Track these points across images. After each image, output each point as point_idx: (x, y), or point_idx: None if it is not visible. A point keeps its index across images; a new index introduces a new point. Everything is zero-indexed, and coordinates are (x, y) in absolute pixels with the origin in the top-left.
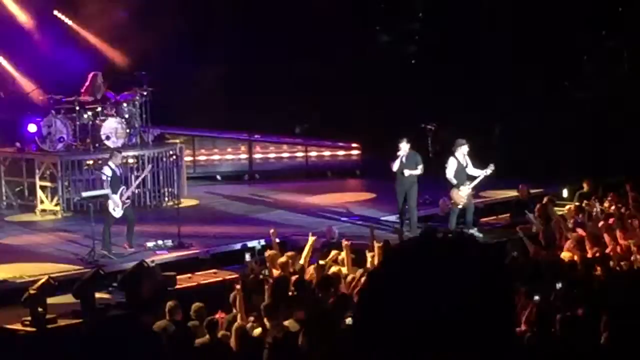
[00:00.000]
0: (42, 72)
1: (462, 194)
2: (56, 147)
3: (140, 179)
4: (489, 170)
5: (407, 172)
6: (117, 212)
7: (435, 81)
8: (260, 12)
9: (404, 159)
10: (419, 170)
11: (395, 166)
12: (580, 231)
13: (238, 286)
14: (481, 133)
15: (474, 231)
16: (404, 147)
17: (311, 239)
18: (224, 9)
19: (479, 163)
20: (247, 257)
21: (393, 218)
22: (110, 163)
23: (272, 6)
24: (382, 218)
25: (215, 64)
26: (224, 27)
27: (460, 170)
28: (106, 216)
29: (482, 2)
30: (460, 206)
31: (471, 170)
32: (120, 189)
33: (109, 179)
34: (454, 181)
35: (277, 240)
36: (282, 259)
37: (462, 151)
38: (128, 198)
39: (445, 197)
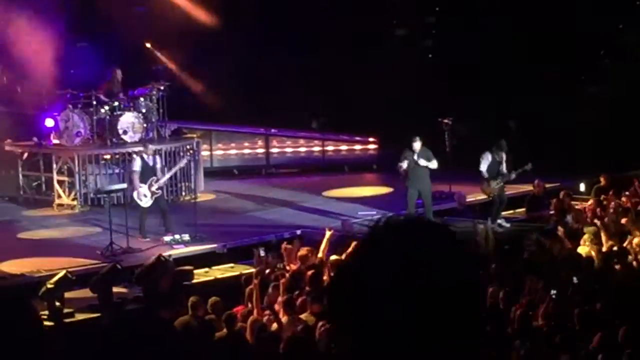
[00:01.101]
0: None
1: (492, 187)
2: (73, 141)
3: (174, 170)
4: (527, 168)
5: (423, 162)
6: (144, 202)
7: (452, 75)
8: (279, 5)
9: (415, 157)
10: (435, 164)
11: (405, 165)
12: (598, 225)
13: (255, 281)
14: (497, 128)
15: (501, 221)
16: (417, 146)
17: (328, 233)
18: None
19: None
20: (262, 252)
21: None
22: (143, 154)
23: (288, 3)
24: (400, 213)
25: (232, 58)
26: (241, 20)
27: (493, 164)
28: (137, 207)
29: None
30: (490, 198)
31: (504, 168)
32: (150, 180)
33: (138, 170)
34: (486, 175)
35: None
36: (302, 252)
37: (500, 153)
38: (159, 188)
39: (461, 191)
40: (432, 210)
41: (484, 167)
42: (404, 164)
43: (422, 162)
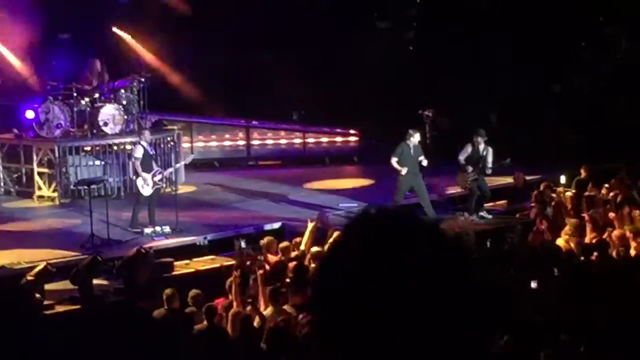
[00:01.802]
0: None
1: (465, 178)
2: (54, 133)
3: (179, 165)
4: (506, 162)
5: (426, 162)
6: (145, 190)
7: (433, 67)
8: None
9: (411, 152)
10: (424, 161)
11: (404, 171)
12: (578, 217)
13: (236, 273)
14: (478, 120)
15: (483, 213)
16: (416, 140)
17: (310, 225)
18: None
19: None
20: (243, 243)
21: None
22: (142, 142)
23: None
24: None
25: (214, 50)
26: (222, 13)
27: (474, 156)
28: (136, 194)
29: None
30: (466, 189)
31: (489, 162)
32: (154, 170)
33: (141, 157)
34: (463, 162)
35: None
36: (284, 244)
37: (479, 142)
38: (161, 180)
39: (440, 183)
40: (431, 205)
41: (462, 156)
42: (404, 171)
43: (425, 161)
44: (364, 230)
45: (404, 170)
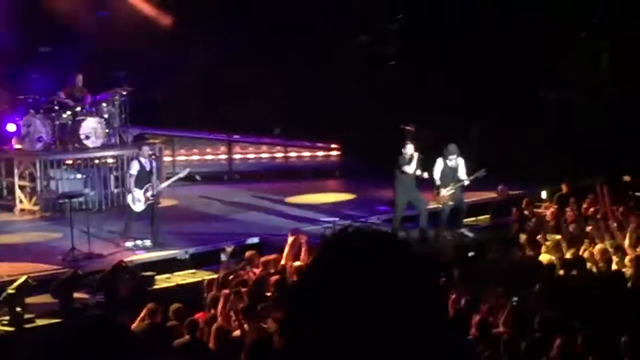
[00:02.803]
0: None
1: (442, 194)
2: (35, 146)
3: (172, 180)
4: (480, 174)
5: (426, 175)
6: (137, 206)
7: (414, 82)
8: (239, 14)
9: (414, 162)
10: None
11: (411, 169)
12: (559, 233)
13: (222, 288)
14: (459, 134)
15: (464, 230)
16: (411, 149)
17: (290, 238)
18: (204, 9)
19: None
20: (223, 257)
21: (373, 218)
22: (140, 158)
23: (251, 8)
24: (362, 219)
25: (194, 64)
26: (204, 27)
27: (447, 172)
28: (128, 210)
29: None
30: (441, 205)
31: (462, 174)
32: (146, 185)
33: (135, 174)
34: (438, 182)
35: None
36: (265, 258)
37: (451, 156)
38: (153, 195)
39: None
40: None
41: (436, 174)
42: (410, 169)
43: (426, 174)
44: (340, 249)
45: (411, 169)
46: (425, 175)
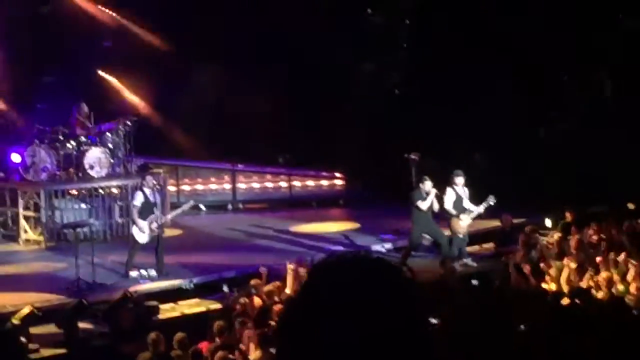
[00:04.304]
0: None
1: (462, 224)
2: (40, 176)
3: (177, 212)
4: (490, 202)
5: (437, 207)
6: (142, 237)
7: (418, 111)
8: (242, 43)
9: (430, 198)
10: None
11: (426, 205)
12: (564, 261)
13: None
14: (463, 162)
15: (468, 260)
16: (429, 185)
17: (292, 267)
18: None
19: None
20: (225, 288)
21: (378, 247)
22: (145, 189)
23: (255, 38)
24: (366, 247)
25: (199, 91)
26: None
27: (458, 200)
28: (132, 240)
29: (465, 30)
30: (461, 235)
31: (467, 203)
32: (151, 217)
33: (139, 206)
34: (453, 212)
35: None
36: (268, 288)
37: (459, 182)
38: (158, 227)
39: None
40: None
41: (448, 204)
42: (425, 205)
43: (435, 205)
44: (326, 275)
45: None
46: (436, 208)
